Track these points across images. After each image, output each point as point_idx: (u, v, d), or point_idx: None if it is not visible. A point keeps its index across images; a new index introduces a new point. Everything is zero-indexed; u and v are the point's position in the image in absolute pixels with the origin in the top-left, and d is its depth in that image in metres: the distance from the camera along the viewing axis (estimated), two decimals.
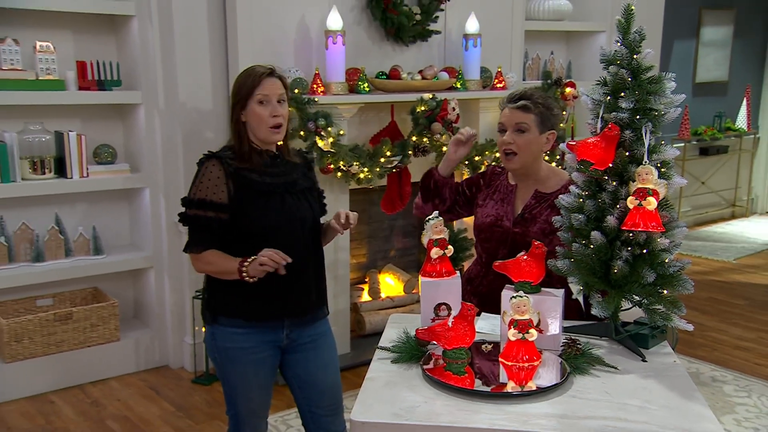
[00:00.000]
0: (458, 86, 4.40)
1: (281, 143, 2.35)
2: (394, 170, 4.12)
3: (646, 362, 2.01)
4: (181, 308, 4.14)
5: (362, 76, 4.01)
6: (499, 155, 2.50)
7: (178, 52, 3.82)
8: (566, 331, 2.12)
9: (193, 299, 4.00)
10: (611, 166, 2.01)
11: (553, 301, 2.00)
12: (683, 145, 7.25)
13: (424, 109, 4.08)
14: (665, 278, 1.98)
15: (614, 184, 2.03)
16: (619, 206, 2.00)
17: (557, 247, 2.16)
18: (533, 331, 1.79)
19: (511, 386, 1.80)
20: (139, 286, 4.35)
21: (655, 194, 1.91)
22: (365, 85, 4.00)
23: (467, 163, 4.40)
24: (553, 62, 5.61)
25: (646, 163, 1.95)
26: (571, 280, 2.10)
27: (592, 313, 2.06)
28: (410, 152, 4.12)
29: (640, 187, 1.92)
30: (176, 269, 4.10)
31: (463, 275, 2.49)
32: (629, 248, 1.99)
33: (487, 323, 2.25)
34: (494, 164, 2.61)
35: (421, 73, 4.25)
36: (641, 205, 1.91)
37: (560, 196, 2.16)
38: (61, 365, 3.88)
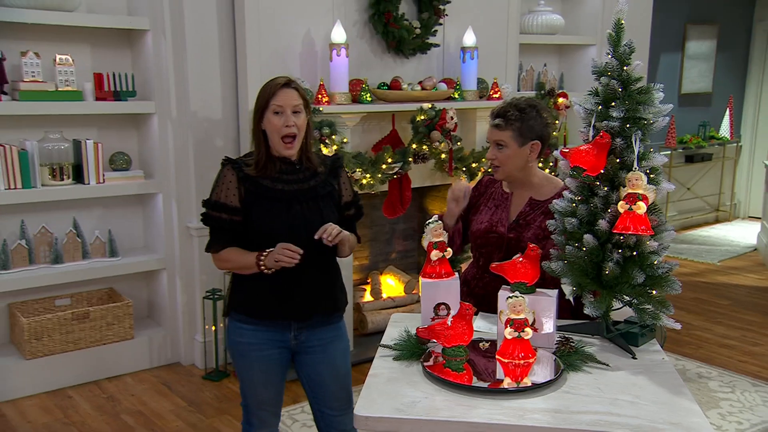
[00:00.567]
0: (456, 96, 4.40)
1: (303, 151, 2.30)
2: (395, 176, 4.11)
3: (636, 359, 2.00)
4: (192, 308, 4.13)
5: (365, 86, 4.01)
6: None
7: (189, 64, 3.82)
8: (560, 329, 2.12)
9: (203, 299, 4.00)
10: (603, 172, 2.01)
11: (547, 301, 2.00)
12: (670, 152, 7.25)
13: (423, 118, 4.09)
14: (654, 279, 1.98)
15: (606, 189, 2.03)
16: (610, 210, 2.00)
17: (551, 249, 2.15)
18: (528, 329, 1.79)
19: (507, 382, 1.80)
20: (152, 286, 4.34)
21: (644, 199, 1.91)
22: (368, 95, 4.00)
23: (464, 169, 4.40)
24: (546, 74, 5.62)
25: (636, 169, 1.94)
26: (564, 280, 2.09)
27: (584, 312, 2.05)
28: (410, 159, 4.11)
29: (630, 192, 1.92)
30: (187, 271, 4.09)
31: (460, 277, 2.47)
32: (620, 250, 1.99)
33: (484, 322, 2.24)
34: (489, 170, 2.60)
35: (420, 84, 4.25)
36: (631, 209, 1.91)
37: (554, 200, 2.15)
38: (78, 362, 3.87)
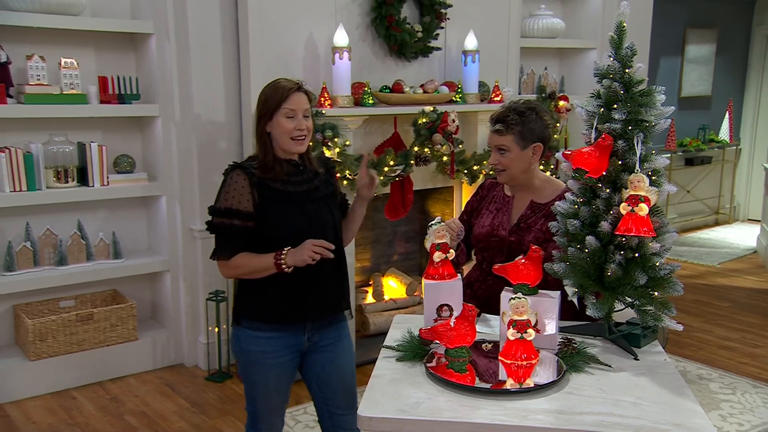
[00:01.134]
0: (458, 99, 4.39)
1: (304, 153, 2.31)
2: (397, 179, 4.11)
3: (638, 360, 1.99)
4: (195, 309, 4.13)
5: (367, 89, 4.01)
6: None
7: (193, 67, 3.82)
8: (562, 331, 2.11)
9: (206, 301, 3.99)
10: (605, 174, 2.00)
11: (550, 302, 1.99)
12: (670, 155, 7.23)
13: (425, 121, 4.08)
14: (656, 281, 1.97)
15: (608, 191, 2.02)
16: (612, 212, 1.99)
17: (553, 251, 2.14)
18: (531, 330, 1.78)
19: (510, 383, 1.79)
20: (155, 288, 4.34)
21: (646, 201, 1.90)
22: (370, 98, 4.00)
23: (466, 172, 4.39)
24: (547, 77, 5.61)
25: (638, 171, 1.94)
26: (566, 282, 2.08)
27: (587, 313, 2.04)
28: (412, 162, 4.11)
29: (632, 194, 1.91)
30: (191, 273, 4.08)
31: (462, 279, 2.46)
32: (622, 252, 1.98)
33: (486, 324, 2.23)
34: (491, 173, 2.59)
35: (422, 87, 4.25)
36: (633, 211, 1.90)
37: (556, 202, 2.15)
38: (82, 363, 3.87)
